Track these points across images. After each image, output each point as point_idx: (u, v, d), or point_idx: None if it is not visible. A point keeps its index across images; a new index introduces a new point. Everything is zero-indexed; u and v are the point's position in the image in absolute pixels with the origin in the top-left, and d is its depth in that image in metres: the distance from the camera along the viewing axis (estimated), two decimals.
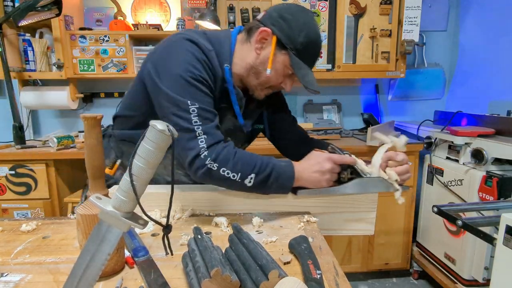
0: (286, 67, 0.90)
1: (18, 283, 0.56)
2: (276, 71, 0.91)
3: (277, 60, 0.89)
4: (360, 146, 2.01)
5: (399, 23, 2.22)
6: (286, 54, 0.88)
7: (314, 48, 0.90)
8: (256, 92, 0.97)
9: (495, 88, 2.22)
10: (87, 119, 0.58)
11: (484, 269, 1.71)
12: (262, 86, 0.95)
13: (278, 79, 0.93)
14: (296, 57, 0.88)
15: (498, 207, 1.17)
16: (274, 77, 0.92)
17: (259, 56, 0.90)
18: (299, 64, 0.88)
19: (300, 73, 0.89)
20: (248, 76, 0.94)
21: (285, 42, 0.86)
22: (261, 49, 0.90)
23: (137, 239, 0.70)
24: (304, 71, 0.89)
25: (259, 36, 0.88)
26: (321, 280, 0.54)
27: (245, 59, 0.93)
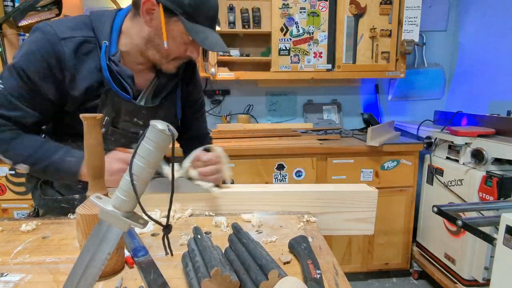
0: (183, 33, 0.85)
1: (18, 283, 0.56)
2: (174, 41, 0.86)
3: (171, 29, 0.84)
4: (360, 146, 2.01)
5: (399, 23, 2.22)
6: (178, 20, 0.83)
7: (207, 5, 0.84)
8: (163, 66, 0.93)
9: (495, 88, 2.22)
10: (86, 119, 0.58)
11: (484, 269, 1.71)
12: (166, 59, 0.91)
13: (179, 49, 0.88)
14: (189, 21, 0.82)
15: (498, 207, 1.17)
16: (174, 47, 0.87)
17: (151, 29, 0.86)
18: (194, 27, 0.83)
19: (198, 37, 0.83)
20: (148, 50, 0.90)
21: (172, 7, 0.81)
22: (151, 20, 0.85)
23: (137, 239, 0.70)
24: (202, 34, 0.84)
25: (143, 7, 0.83)
26: (320, 280, 0.54)
27: (139, 34, 0.88)
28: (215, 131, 2.25)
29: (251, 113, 2.60)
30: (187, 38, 0.86)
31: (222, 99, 2.57)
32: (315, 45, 2.23)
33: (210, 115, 2.59)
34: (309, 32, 2.21)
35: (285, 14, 2.17)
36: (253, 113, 2.60)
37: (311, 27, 2.20)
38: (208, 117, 2.58)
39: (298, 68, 2.24)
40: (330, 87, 2.61)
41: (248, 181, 1.99)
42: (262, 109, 2.63)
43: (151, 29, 0.86)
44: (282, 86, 2.57)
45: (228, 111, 2.57)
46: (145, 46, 0.89)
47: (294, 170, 2.02)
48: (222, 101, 2.58)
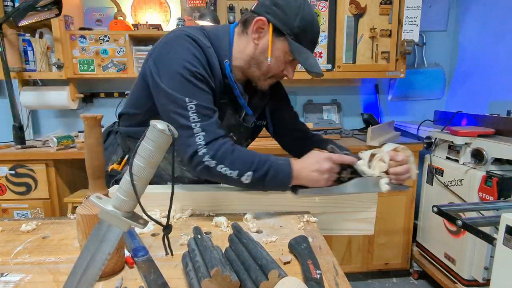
0: (286, 53, 0.89)
1: (18, 283, 0.56)
2: (276, 59, 0.90)
3: (276, 48, 0.89)
4: (360, 146, 2.01)
5: (399, 23, 2.22)
6: (285, 40, 0.87)
7: (311, 30, 0.89)
8: (260, 82, 0.97)
9: (495, 88, 2.22)
10: (87, 119, 0.58)
11: (484, 269, 1.71)
12: (264, 76, 0.95)
13: (279, 67, 0.93)
14: (294, 41, 0.87)
15: (498, 207, 1.17)
16: (275, 65, 0.92)
17: (257, 46, 0.90)
18: (298, 48, 0.88)
19: (301, 58, 0.88)
20: (250, 67, 0.94)
21: (282, 28, 0.86)
22: (259, 38, 0.90)
23: (137, 239, 0.70)
24: (305, 55, 0.88)
25: (255, 26, 0.88)
26: (321, 280, 0.54)
27: (244, 51, 0.92)
28: None
29: None
30: (288, 57, 0.91)
31: None
32: None
33: None
34: None
35: None
36: None
37: None
38: None
39: (298, 68, 2.23)
40: (330, 87, 2.61)
41: None
42: None
43: (257, 46, 0.90)
44: None
45: None
46: (248, 63, 0.93)
47: None
48: None
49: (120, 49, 2.14)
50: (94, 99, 2.47)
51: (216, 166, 0.80)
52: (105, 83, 2.45)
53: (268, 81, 0.97)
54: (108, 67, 2.16)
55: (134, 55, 2.16)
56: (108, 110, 2.43)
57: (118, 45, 2.14)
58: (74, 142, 2.01)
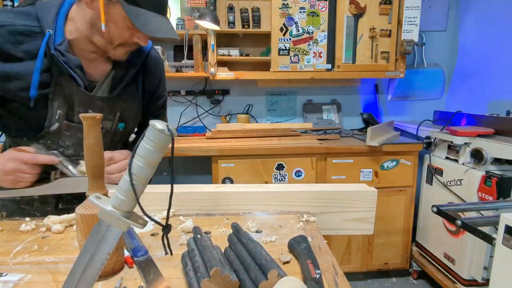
0: (126, 18, 0.79)
1: (17, 283, 0.56)
2: (116, 25, 0.81)
3: (112, 12, 0.79)
4: (359, 146, 2.01)
5: (399, 23, 2.22)
6: (117, 2, 0.77)
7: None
8: (110, 52, 0.88)
9: (495, 88, 2.22)
10: (86, 119, 0.58)
11: (483, 269, 1.71)
12: (111, 45, 0.86)
13: (123, 34, 0.83)
14: (128, 4, 0.77)
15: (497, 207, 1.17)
16: (117, 33, 0.82)
17: (93, 11, 0.80)
18: (135, 10, 0.77)
19: (138, 22, 0.77)
20: (93, 35, 0.84)
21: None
22: (92, 2, 0.79)
23: (137, 238, 0.70)
24: (144, 18, 0.78)
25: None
26: (320, 280, 0.54)
27: (83, 19, 0.83)
28: (214, 130, 2.25)
29: (251, 113, 2.60)
30: (130, 22, 0.80)
31: (221, 99, 2.57)
32: (314, 45, 2.23)
33: (210, 115, 2.60)
34: (308, 32, 2.21)
35: (284, 14, 2.17)
36: (252, 113, 2.60)
37: (311, 27, 2.20)
38: (207, 117, 2.60)
39: (298, 68, 2.24)
40: (329, 87, 2.61)
41: (247, 181, 1.99)
42: (261, 109, 2.63)
43: (93, 11, 0.81)
44: (281, 86, 2.57)
45: (227, 111, 2.57)
46: (90, 31, 0.84)
47: (294, 170, 2.03)
48: (221, 101, 2.58)
49: None
50: None
51: None
52: None
53: (119, 50, 0.87)
54: None
55: None
56: None
57: None
58: None
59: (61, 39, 0.84)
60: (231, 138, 2.19)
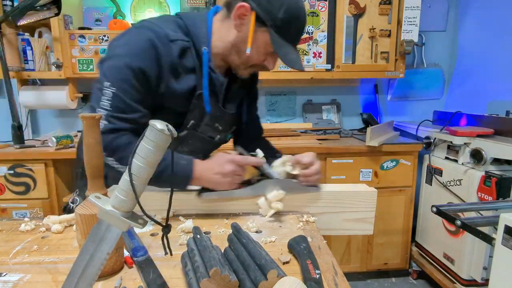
0: (267, 44, 0.85)
1: (17, 282, 0.56)
2: (257, 49, 0.86)
3: (258, 38, 0.84)
4: (359, 146, 2.01)
5: (399, 23, 2.22)
6: (266, 31, 0.83)
7: (296, 24, 0.85)
8: (240, 71, 0.94)
9: (494, 88, 2.22)
10: (86, 119, 0.58)
11: (482, 269, 1.71)
12: (244, 65, 0.92)
13: (259, 58, 0.89)
14: (276, 34, 0.83)
15: (497, 207, 1.18)
16: (255, 56, 0.88)
17: (239, 34, 0.86)
18: (280, 42, 0.84)
19: (281, 52, 0.85)
20: (230, 55, 0.90)
21: (265, 18, 0.82)
22: (241, 25, 0.85)
23: (136, 238, 0.70)
24: (285, 50, 0.85)
25: (237, 12, 0.83)
26: (320, 280, 0.54)
27: (226, 37, 0.89)
28: None
29: None
30: (269, 49, 0.87)
31: None
32: (314, 45, 2.23)
33: None
34: (308, 32, 2.21)
35: None
36: None
37: (311, 27, 2.20)
38: None
39: None
40: (329, 87, 2.61)
41: None
42: (261, 109, 2.62)
43: (239, 34, 0.86)
44: (281, 86, 2.57)
45: None
46: (229, 50, 0.90)
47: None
48: None
49: None
50: None
51: (105, 157, 0.77)
52: None
53: (248, 70, 0.94)
54: None
55: None
56: None
57: None
58: (73, 141, 2.01)
59: (210, 55, 0.89)
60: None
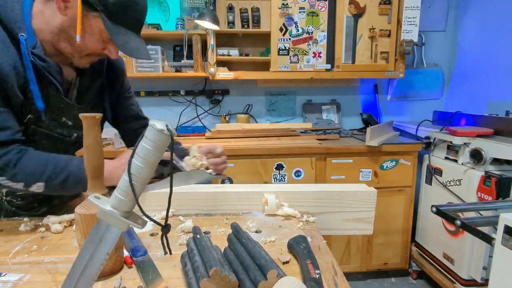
0: (102, 31, 0.76)
1: (17, 282, 0.56)
2: (91, 37, 0.77)
3: (89, 24, 0.75)
4: (359, 146, 2.01)
5: (398, 23, 2.23)
6: (98, 16, 0.74)
7: (133, 8, 0.76)
8: (75, 60, 0.83)
9: (494, 88, 2.23)
10: (86, 119, 0.58)
11: (482, 269, 1.71)
12: (79, 54, 0.81)
13: (96, 46, 0.79)
14: (109, 20, 0.74)
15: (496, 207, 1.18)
16: (90, 44, 0.78)
17: (65, 18, 0.75)
18: (115, 28, 0.75)
19: (118, 40, 0.76)
20: (59, 41, 0.79)
21: (93, 1, 0.72)
22: (66, 8, 0.74)
23: (136, 238, 0.70)
24: (124, 37, 0.76)
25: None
26: (320, 280, 0.54)
27: (51, 21, 0.77)
28: (214, 130, 2.25)
29: (250, 113, 2.60)
30: (106, 36, 0.77)
31: (221, 98, 2.57)
32: (314, 45, 2.23)
33: (210, 115, 2.60)
34: (308, 32, 2.21)
35: (284, 14, 2.17)
36: (252, 113, 2.60)
37: (311, 27, 2.20)
38: (207, 117, 2.60)
39: (297, 68, 2.24)
40: (329, 87, 2.61)
41: (247, 181, 1.99)
42: (261, 109, 2.63)
43: (65, 18, 0.75)
44: (281, 86, 2.57)
45: (227, 110, 2.57)
46: (57, 36, 0.78)
47: (293, 170, 2.03)
48: (221, 101, 2.58)
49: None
50: None
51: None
52: None
53: (86, 59, 0.84)
54: None
55: None
56: None
57: None
58: None
59: (33, 41, 0.77)
60: (231, 138, 2.19)
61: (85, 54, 0.82)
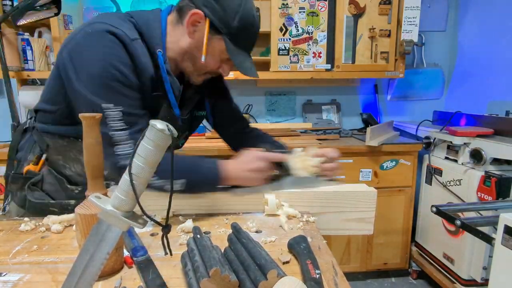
0: (222, 52, 0.85)
1: (17, 282, 0.56)
2: (212, 57, 0.86)
3: (213, 46, 0.84)
4: (359, 146, 2.01)
5: (398, 23, 2.23)
6: (221, 39, 0.83)
7: (250, 32, 0.85)
8: (193, 77, 0.93)
9: (494, 88, 2.23)
10: (85, 119, 0.58)
11: (482, 269, 1.71)
12: (198, 72, 0.91)
13: (215, 65, 0.89)
14: (231, 42, 0.83)
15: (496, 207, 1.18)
16: (210, 63, 0.87)
17: (192, 41, 0.85)
18: (235, 50, 0.84)
19: (237, 60, 0.85)
20: (183, 61, 0.89)
21: (219, 26, 0.81)
22: (194, 32, 0.84)
23: (136, 238, 0.70)
24: (241, 57, 0.85)
25: (190, 19, 0.82)
26: (320, 280, 0.54)
27: (178, 43, 0.87)
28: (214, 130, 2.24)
29: (250, 112, 2.60)
30: (224, 56, 0.86)
31: None
32: (314, 45, 2.23)
33: None
34: (308, 32, 2.21)
35: (284, 14, 2.17)
36: (252, 112, 2.60)
37: (311, 27, 2.20)
38: None
39: (297, 68, 2.24)
40: (329, 87, 2.61)
41: None
42: (261, 108, 2.63)
43: (192, 40, 0.85)
44: (281, 86, 2.57)
45: None
46: (181, 56, 0.88)
47: None
48: None
49: None
50: None
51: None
52: None
53: (202, 77, 0.93)
54: None
55: None
56: None
57: None
58: None
59: (165, 57, 0.86)
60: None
61: (203, 72, 0.91)
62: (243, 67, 0.85)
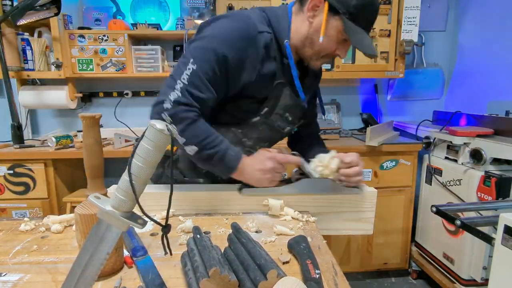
0: (339, 32, 0.87)
1: (17, 282, 0.56)
2: (329, 38, 0.88)
3: (330, 27, 0.86)
4: (359, 146, 2.01)
5: (398, 23, 2.22)
6: (339, 19, 0.85)
7: (369, 9, 0.86)
8: (312, 62, 0.95)
9: (494, 88, 2.23)
10: (85, 119, 0.58)
11: (482, 269, 1.71)
12: (317, 56, 0.93)
13: (332, 47, 0.90)
14: (349, 21, 0.84)
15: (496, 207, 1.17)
16: (328, 45, 0.89)
17: (311, 25, 0.88)
18: (353, 28, 0.85)
19: (355, 39, 0.86)
20: (304, 47, 0.92)
21: (337, 6, 0.84)
22: (314, 17, 0.88)
23: (136, 238, 0.70)
24: (359, 36, 0.86)
25: (310, 4, 0.86)
26: (320, 280, 0.54)
27: (300, 30, 0.91)
28: None
29: None
30: (341, 37, 0.88)
31: None
32: None
33: None
34: None
35: None
36: None
37: None
38: None
39: None
40: (329, 87, 2.61)
41: None
42: None
43: (312, 25, 0.88)
44: None
45: None
46: (303, 42, 0.91)
47: (293, 170, 2.02)
48: None
49: (119, 49, 2.14)
50: (93, 98, 2.47)
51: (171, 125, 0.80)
52: (104, 82, 2.44)
53: (320, 61, 0.95)
54: (107, 66, 2.16)
55: (133, 55, 2.15)
56: (107, 109, 2.43)
57: (117, 45, 2.13)
58: (73, 141, 2.01)
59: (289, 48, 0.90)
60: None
61: (321, 56, 0.93)
62: (361, 44, 0.86)
